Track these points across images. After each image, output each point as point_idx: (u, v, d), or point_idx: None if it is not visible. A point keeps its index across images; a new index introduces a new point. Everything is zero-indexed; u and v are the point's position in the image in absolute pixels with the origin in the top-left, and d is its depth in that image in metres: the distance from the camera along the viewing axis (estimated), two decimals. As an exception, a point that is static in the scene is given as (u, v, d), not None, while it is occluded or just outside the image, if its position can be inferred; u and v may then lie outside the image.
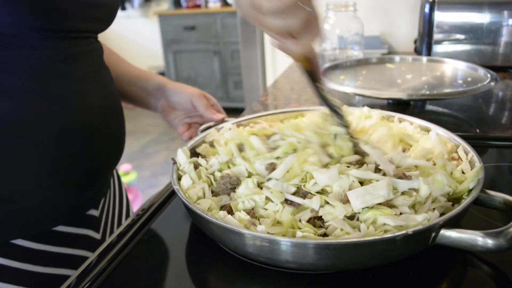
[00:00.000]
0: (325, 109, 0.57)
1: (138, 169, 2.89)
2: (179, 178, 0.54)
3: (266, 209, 0.47)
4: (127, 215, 0.79)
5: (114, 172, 0.78)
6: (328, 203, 0.45)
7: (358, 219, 0.44)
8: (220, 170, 0.55)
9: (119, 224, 0.75)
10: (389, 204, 0.45)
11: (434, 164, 0.52)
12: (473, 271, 0.44)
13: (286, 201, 0.47)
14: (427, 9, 1.27)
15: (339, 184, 0.46)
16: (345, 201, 0.45)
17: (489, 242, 0.39)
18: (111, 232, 0.72)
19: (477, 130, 0.81)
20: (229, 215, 0.45)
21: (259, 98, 1.11)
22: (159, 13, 4.33)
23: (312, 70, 0.53)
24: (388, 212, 0.43)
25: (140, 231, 0.53)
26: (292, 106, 1.00)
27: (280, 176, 0.50)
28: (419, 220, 0.42)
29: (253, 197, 0.47)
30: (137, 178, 2.33)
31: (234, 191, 0.51)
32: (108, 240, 0.51)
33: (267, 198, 0.47)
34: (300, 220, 0.45)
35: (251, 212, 0.47)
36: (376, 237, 0.39)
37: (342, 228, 0.42)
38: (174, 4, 4.44)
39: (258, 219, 0.46)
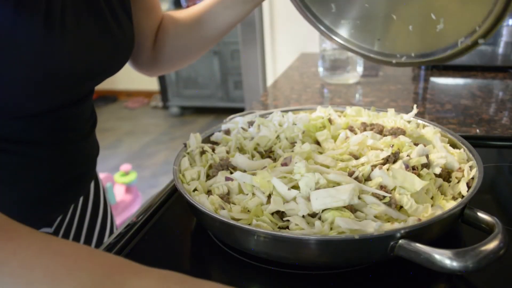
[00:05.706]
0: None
1: (138, 169, 2.89)
2: None
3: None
4: (102, 228, 0.76)
5: (92, 186, 0.74)
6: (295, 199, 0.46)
7: (320, 218, 0.44)
8: (222, 159, 0.56)
9: (89, 236, 0.72)
10: (353, 208, 0.44)
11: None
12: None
13: None
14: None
15: (305, 182, 0.46)
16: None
17: (447, 261, 0.36)
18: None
19: (477, 131, 0.81)
20: (204, 197, 0.48)
21: (259, 98, 1.11)
22: (159, 13, 4.32)
23: None
24: (347, 215, 0.43)
25: (140, 230, 0.54)
26: (292, 106, 1.00)
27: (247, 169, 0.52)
28: (374, 227, 0.40)
29: (227, 183, 0.50)
30: (137, 178, 2.33)
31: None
32: (109, 240, 0.51)
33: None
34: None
35: (225, 197, 0.49)
36: (311, 236, 0.40)
37: (297, 224, 0.43)
38: (174, 4, 4.43)
39: (230, 204, 0.48)
